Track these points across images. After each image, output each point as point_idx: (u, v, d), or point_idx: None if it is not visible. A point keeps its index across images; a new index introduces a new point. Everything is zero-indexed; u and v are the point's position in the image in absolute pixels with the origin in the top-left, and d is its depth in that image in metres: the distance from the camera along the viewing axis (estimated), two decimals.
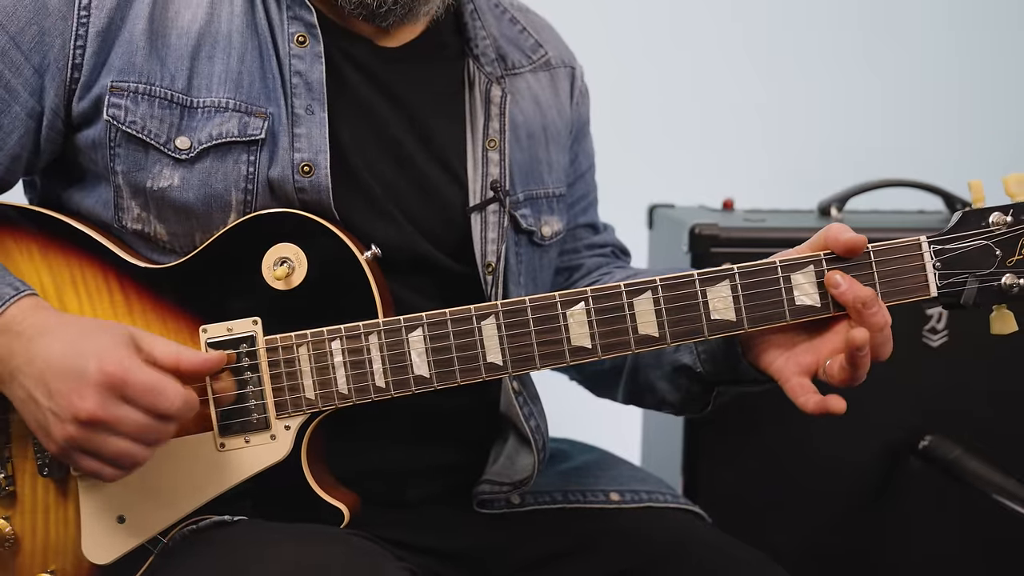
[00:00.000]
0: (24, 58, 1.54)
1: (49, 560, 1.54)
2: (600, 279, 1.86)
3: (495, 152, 1.70)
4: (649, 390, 1.75)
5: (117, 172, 1.56)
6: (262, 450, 1.51)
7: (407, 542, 1.62)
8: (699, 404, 1.70)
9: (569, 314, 1.49)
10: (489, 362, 1.49)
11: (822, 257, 1.48)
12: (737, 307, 1.48)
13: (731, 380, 1.64)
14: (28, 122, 1.56)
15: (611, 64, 2.73)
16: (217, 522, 1.51)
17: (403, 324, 1.50)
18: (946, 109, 3.25)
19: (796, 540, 2.22)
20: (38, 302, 1.47)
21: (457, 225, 1.68)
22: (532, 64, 1.81)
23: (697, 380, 1.66)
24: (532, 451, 1.68)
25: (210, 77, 1.56)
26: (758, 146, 3.22)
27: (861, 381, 1.46)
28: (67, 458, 1.42)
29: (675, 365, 1.67)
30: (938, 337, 2.23)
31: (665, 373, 1.70)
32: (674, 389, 1.70)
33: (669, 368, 1.69)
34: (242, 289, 1.52)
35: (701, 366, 1.64)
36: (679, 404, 1.72)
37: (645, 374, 1.74)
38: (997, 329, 1.50)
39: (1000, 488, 2.02)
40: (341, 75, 1.63)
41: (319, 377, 1.50)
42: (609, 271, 1.88)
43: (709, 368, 1.64)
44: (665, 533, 1.71)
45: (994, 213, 1.47)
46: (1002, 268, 1.47)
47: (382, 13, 1.61)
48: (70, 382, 1.37)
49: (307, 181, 1.56)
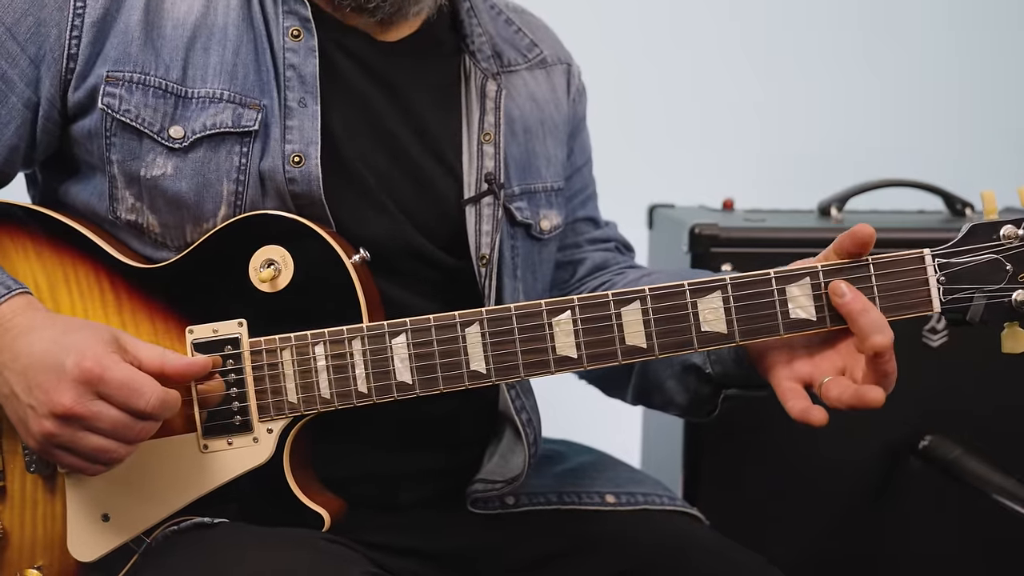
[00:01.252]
0: (20, 49, 1.52)
1: (37, 555, 1.51)
2: (613, 279, 1.82)
3: (490, 145, 1.65)
4: (658, 389, 1.70)
5: (112, 161, 1.53)
6: (244, 452, 1.47)
7: (400, 546, 1.59)
8: (706, 407, 1.66)
9: (555, 323, 1.43)
10: (472, 370, 1.44)
11: (819, 269, 1.41)
12: (728, 319, 1.41)
13: (740, 383, 1.59)
14: (25, 113, 1.53)
15: (611, 64, 2.73)
16: (198, 524, 1.47)
17: (387, 330, 1.45)
18: (946, 109, 3.21)
19: (796, 540, 2.19)
20: (30, 301, 1.45)
21: (451, 218, 1.63)
22: (528, 62, 1.78)
23: (706, 381, 1.62)
24: (524, 447, 1.64)
25: (205, 68, 1.54)
26: (758, 146, 3.21)
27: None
28: (46, 453, 1.40)
29: (685, 364, 1.63)
30: (938, 337, 2.18)
31: (675, 372, 1.66)
32: (683, 389, 1.66)
33: (679, 367, 1.65)
34: (229, 291, 1.48)
35: (711, 367, 1.60)
36: (686, 405, 1.68)
37: (655, 373, 1.69)
38: (1009, 348, 1.41)
39: (1000, 488, 1.98)
40: (336, 67, 1.60)
41: (302, 381, 1.47)
42: (622, 270, 1.84)
43: (719, 370, 1.59)
44: (661, 536, 1.67)
45: (1006, 226, 1.38)
46: (1014, 284, 1.39)
47: (371, 8, 1.58)
48: (49, 377, 1.36)
49: (297, 171, 1.52)
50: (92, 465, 1.38)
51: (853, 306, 1.38)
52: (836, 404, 1.40)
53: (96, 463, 1.38)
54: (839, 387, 1.41)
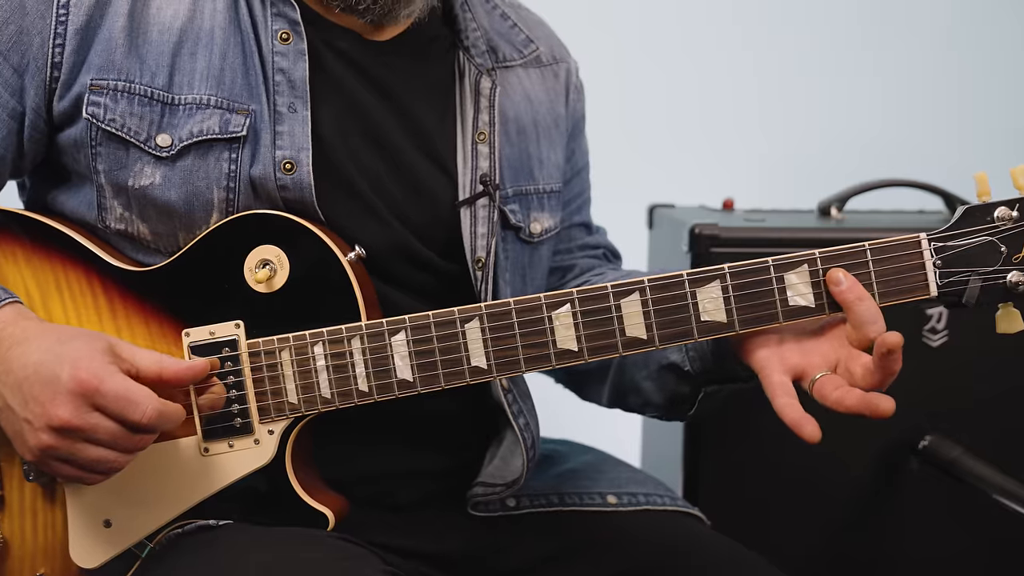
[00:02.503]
0: (3, 58, 1.51)
1: (38, 564, 1.51)
2: (591, 280, 1.81)
3: (485, 145, 1.65)
4: (634, 390, 1.70)
5: (99, 171, 1.52)
6: (246, 455, 1.47)
7: (400, 546, 1.59)
8: (685, 407, 1.66)
9: (555, 316, 1.43)
10: (473, 365, 1.45)
11: (816, 255, 1.42)
12: (728, 308, 1.42)
13: (720, 379, 1.59)
14: (10, 123, 1.53)
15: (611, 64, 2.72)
16: (202, 526, 1.48)
17: (386, 327, 1.45)
18: (946, 108, 3.21)
19: (797, 540, 2.19)
20: (20, 310, 1.44)
21: (445, 221, 1.63)
22: (523, 59, 1.77)
23: (685, 379, 1.62)
24: (522, 451, 1.64)
25: (192, 74, 1.52)
26: (758, 146, 3.20)
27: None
28: (44, 465, 1.39)
29: (663, 364, 1.63)
30: (938, 337, 2.19)
31: (651, 373, 1.66)
32: (659, 389, 1.66)
33: (656, 367, 1.65)
34: (225, 292, 1.49)
35: (689, 364, 1.60)
36: (663, 406, 1.68)
37: (631, 374, 1.69)
38: (1003, 328, 1.42)
39: (1000, 488, 1.98)
40: (327, 69, 1.59)
41: (302, 381, 1.47)
42: (601, 271, 1.84)
43: (698, 366, 1.59)
44: (662, 536, 1.68)
45: (1000, 208, 1.40)
46: (1008, 265, 1.40)
47: (360, 10, 1.58)
48: (45, 390, 1.35)
49: (289, 179, 1.51)
50: (90, 475, 1.38)
51: (849, 295, 1.39)
52: (835, 406, 1.40)
53: (94, 473, 1.38)
54: (838, 389, 1.41)
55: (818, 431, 1.39)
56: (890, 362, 1.38)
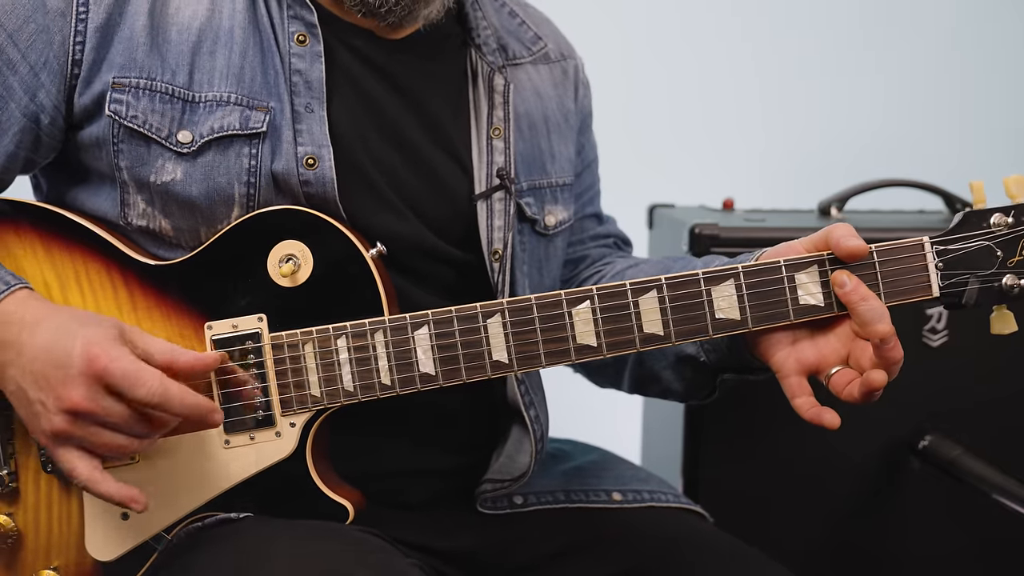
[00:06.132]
0: (21, 56, 1.56)
1: (52, 556, 1.55)
2: (602, 269, 1.87)
3: (499, 140, 1.71)
4: (654, 380, 1.76)
5: (121, 168, 1.57)
6: (267, 447, 1.52)
7: (410, 542, 1.64)
8: (704, 391, 1.72)
9: (575, 312, 1.50)
10: (495, 360, 1.51)
11: (825, 257, 1.50)
12: (741, 306, 1.49)
13: (736, 369, 1.65)
14: (24, 120, 1.57)
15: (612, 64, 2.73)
16: (222, 519, 1.53)
17: (409, 321, 1.51)
18: (946, 108, 3.26)
19: (796, 539, 2.23)
20: (30, 294, 1.48)
21: (463, 214, 1.69)
22: (532, 56, 1.83)
23: (702, 370, 1.68)
24: (531, 442, 1.69)
25: (211, 72, 1.58)
26: (759, 146, 3.23)
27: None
28: (58, 446, 1.42)
29: (680, 355, 1.69)
30: (938, 337, 2.24)
31: (670, 363, 1.72)
32: (679, 378, 1.72)
33: (673, 358, 1.71)
34: (247, 286, 1.53)
35: (705, 356, 1.66)
36: (683, 392, 1.74)
37: (650, 364, 1.75)
38: (997, 329, 1.51)
39: (1000, 488, 2.03)
40: (344, 68, 1.65)
41: (324, 374, 1.52)
42: (611, 260, 1.90)
43: (713, 358, 1.65)
44: (667, 533, 1.73)
45: (995, 214, 1.48)
46: (1003, 269, 1.48)
47: (382, 12, 1.64)
48: (57, 371, 1.39)
49: (311, 174, 1.57)
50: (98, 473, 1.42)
51: (853, 296, 1.46)
52: (847, 398, 1.48)
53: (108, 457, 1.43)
54: (850, 384, 1.48)
55: (837, 418, 1.48)
56: (887, 351, 1.44)
